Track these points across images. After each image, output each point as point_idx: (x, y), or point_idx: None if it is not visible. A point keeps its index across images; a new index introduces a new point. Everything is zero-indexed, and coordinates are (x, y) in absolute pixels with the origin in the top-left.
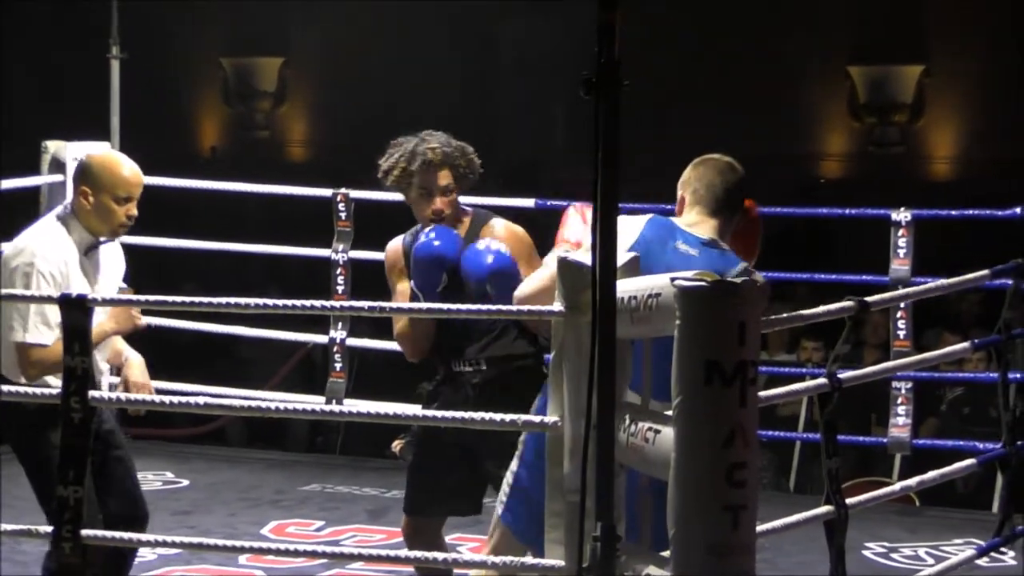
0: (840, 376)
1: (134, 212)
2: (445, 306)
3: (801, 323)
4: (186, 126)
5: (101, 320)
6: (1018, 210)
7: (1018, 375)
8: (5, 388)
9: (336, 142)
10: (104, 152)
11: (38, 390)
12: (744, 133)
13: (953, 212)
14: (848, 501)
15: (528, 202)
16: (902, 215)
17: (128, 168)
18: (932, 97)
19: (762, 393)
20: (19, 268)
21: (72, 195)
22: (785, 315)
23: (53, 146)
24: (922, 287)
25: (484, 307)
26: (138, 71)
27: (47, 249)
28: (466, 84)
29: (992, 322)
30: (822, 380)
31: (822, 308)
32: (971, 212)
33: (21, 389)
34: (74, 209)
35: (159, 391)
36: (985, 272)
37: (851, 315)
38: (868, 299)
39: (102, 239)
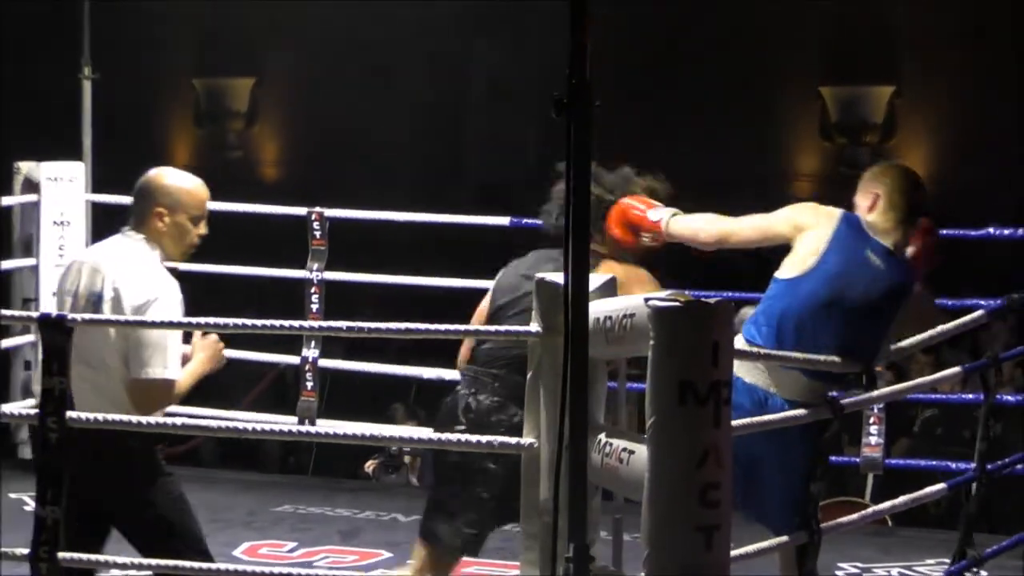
0: (842, 403)
1: (205, 231)
2: (423, 326)
3: (806, 365)
4: (158, 146)
5: (200, 359)
6: (990, 230)
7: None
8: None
9: (308, 161)
10: (172, 170)
11: (13, 409)
12: (716, 152)
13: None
14: (823, 526)
15: (504, 220)
16: None
17: (201, 185)
18: (903, 117)
19: (764, 418)
20: (150, 303)
21: (139, 216)
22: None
23: (25, 167)
24: (931, 334)
25: (460, 327)
26: (110, 92)
27: (165, 279)
28: (438, 104)
29: (959, 341)
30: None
31: (835, 359)
32: (944, 232)
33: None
34: (146, 231)
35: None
36: (981, 313)
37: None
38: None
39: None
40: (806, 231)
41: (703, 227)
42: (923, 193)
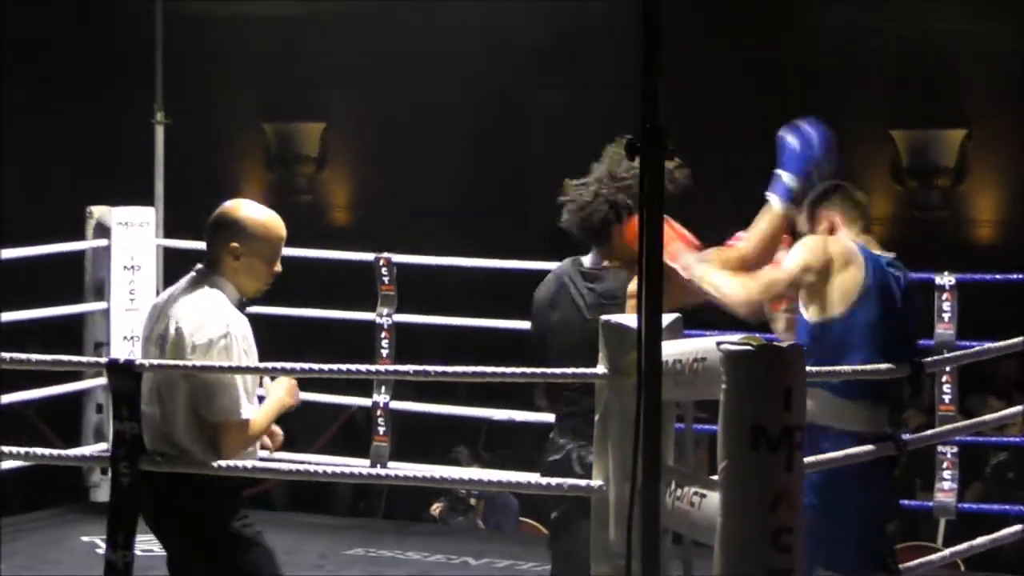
0: (904, 438)
1: (279, 269)
2: (480, 369)
3: (851, 376)
4: (229, 191)
5: (276, 397)
6: None
7: None
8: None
9: (378, 206)
10: (248, 203)
11: (86, 452)
12: None
13: (997, 276)
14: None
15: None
16: (946, 279)
17: (277, 220)
18: (974, 161)
19: (823, 456)
20: (214, 343)
21: (212, 252)
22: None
23: (97, 211)
24: (974, 350)
25: (527, 369)
26: (181, 136)
27: (231, 316)
28: (503, 148)
29: None
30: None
31: (883, 366)
32: (1016, 276)
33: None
34: (219, 268)
35: None
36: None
37: (908, 375)
38: (924, 360)
39: (246, 299)
40: (835, 274)
41: (728, 291)
42: (861, 196)
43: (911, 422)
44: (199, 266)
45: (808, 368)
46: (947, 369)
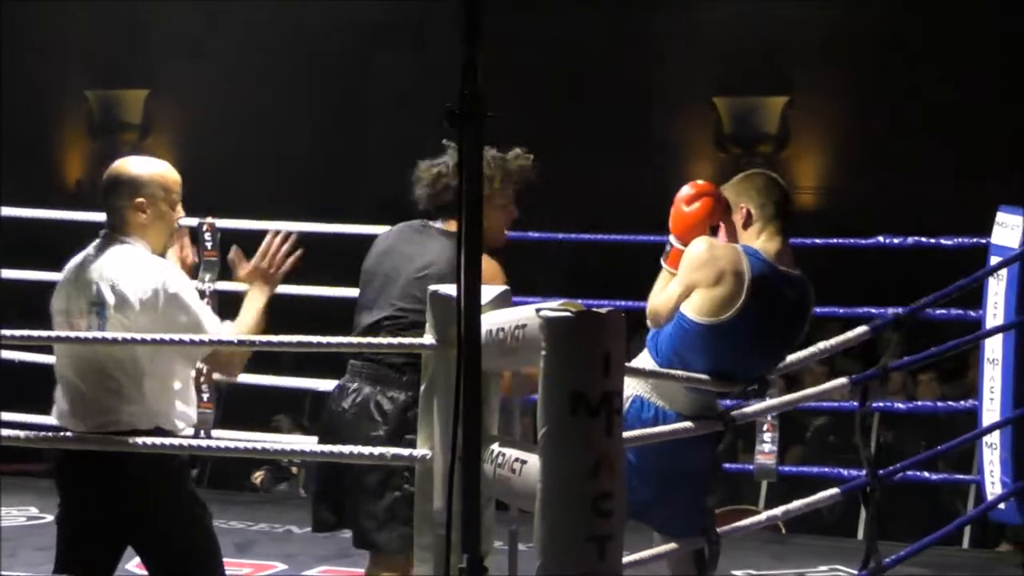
0: (732, 414)
1: (183, 214)
2: (305, 338)
3: (686, 382)
4: (50, 159)
5: (253, 294)
6: (880, 239)
7: (881, 404)
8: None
9: (203, 173)
10: (138, 159)
11: None
12: (611, 165)
13: (818, 241)
14: (718, 531)
15: None
16: None
17: (172, 169)
18: (796, 127)
19: (654, 430)
20: (160, 292)
21: (117, 214)
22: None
23: None
24: (811, 351)
25: (352, 339)
26: (1, 104)
27: (160, 263)
28: (334, 116)
29: (853, 350)
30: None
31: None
32: (835, 241)
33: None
34: (127, 228)
35: (21, 425)
36: (865, 329)
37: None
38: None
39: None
40: (723, 281)
41: (653, 304)
42: (789, 194)
43: None
44: (103, 231)
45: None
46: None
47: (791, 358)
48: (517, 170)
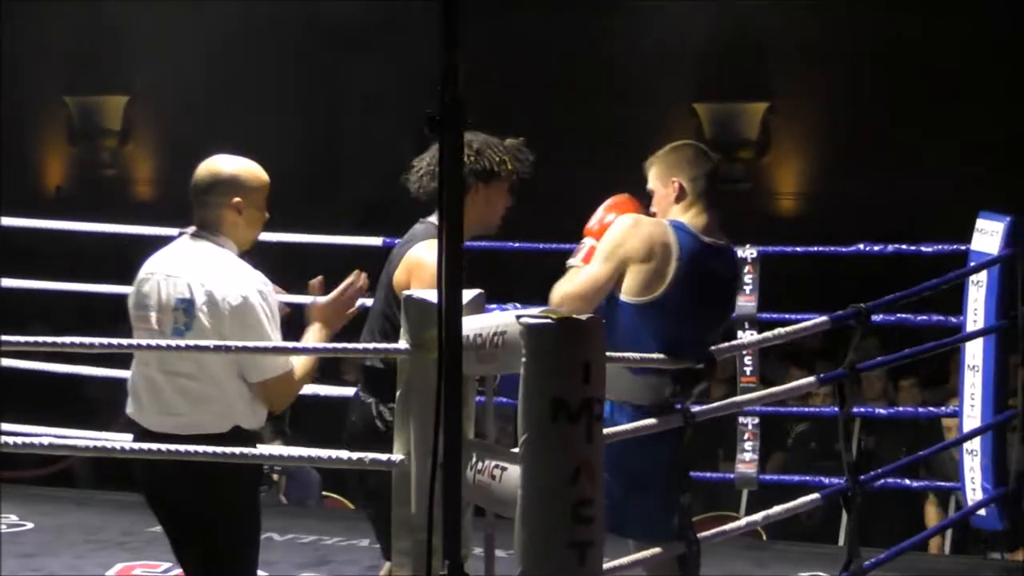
0: (693, 411)
1: (267, 215)
2: (284, 345)
3: (642, 364)
4: (30, 165)
5: (314, 329)
6: (861, 246)
7: (862, 409)
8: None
9: (183, 180)
10: (230, 158)
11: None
12: (591, 171)
13: (799, 248)
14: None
15: (376, 241)
16: (748, 251)
17: (258, 166)
18: (777, 133)
19: (615, 429)
20: (248, 300)
21: (210, 212)
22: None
23: None
24: (765, 336)
25: (333, 345)
26: None
27: (250, 272)
28: (314, 122)
29: (834, 355)
30: (675, 415)
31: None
32: (816, 248)
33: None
34: (219, 227)
35: (3, 432)
36: (824, 319)
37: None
38: (713, 349)
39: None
40: (653, 255)
41: (566, 291)
42: (717, 167)
43: (714, 393)
44: (191, 228)
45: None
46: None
47: (748, 339)
48: (524, 159)
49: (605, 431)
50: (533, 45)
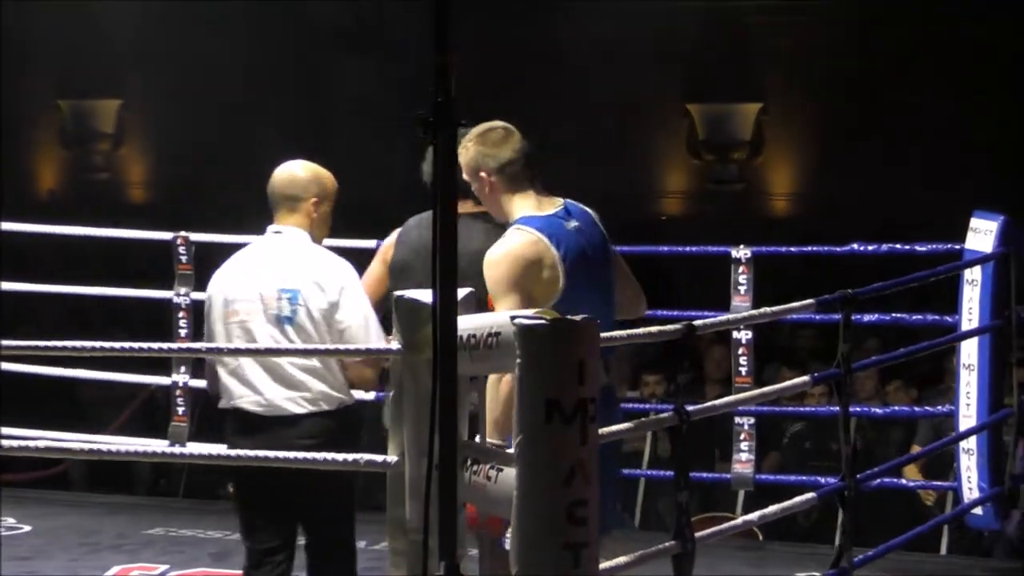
0: (688, 408)
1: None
2: (277, 347)
3: (625, 343)
4: (23, 168)
5: (363, 369)
6: (855, 246)
7: (856, 409)
8: None
9: (175, 183)
10: (303, 163)
11: None
12: (584, 171)
13: (792, 248)
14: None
15: (370, 243)
16: (742, 252)
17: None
18: (769, 134)
19: (608, 428)
20: (352, 279)
21: (292, 210)
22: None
23: None
24: (747, 313)
25: (318, 347)
26: None
27: (339, 259)
28: (305, 124)
29: (828, 356)
30: (669, 413)
31: (654, 328)
32: (810, 248)
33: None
34: (301, 223)
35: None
36: (811, 301)
37: (679, 337)
38: (696, 323)
39: None
40: (545, 264)
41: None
42: (524, 140)
43: (710, 393)
44: (275, 227)
45: None
46: (743, 341)
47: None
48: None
49: (600, 431)
50: (524, 46)
